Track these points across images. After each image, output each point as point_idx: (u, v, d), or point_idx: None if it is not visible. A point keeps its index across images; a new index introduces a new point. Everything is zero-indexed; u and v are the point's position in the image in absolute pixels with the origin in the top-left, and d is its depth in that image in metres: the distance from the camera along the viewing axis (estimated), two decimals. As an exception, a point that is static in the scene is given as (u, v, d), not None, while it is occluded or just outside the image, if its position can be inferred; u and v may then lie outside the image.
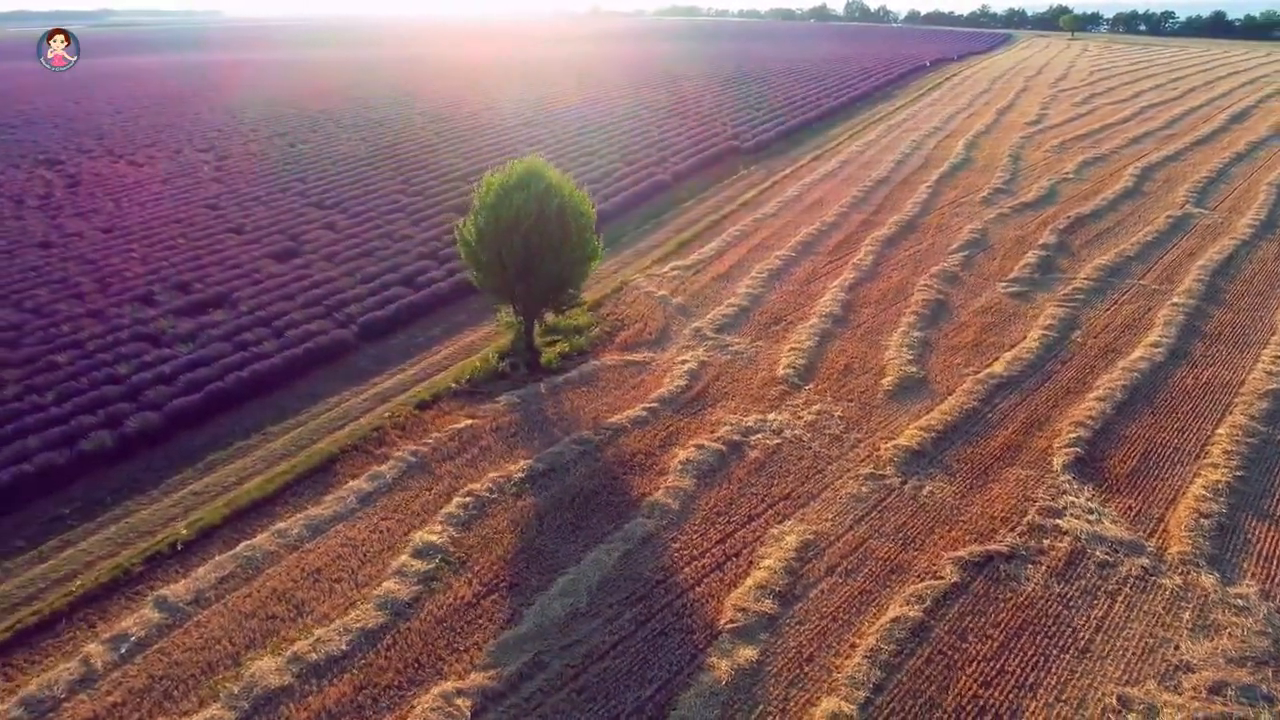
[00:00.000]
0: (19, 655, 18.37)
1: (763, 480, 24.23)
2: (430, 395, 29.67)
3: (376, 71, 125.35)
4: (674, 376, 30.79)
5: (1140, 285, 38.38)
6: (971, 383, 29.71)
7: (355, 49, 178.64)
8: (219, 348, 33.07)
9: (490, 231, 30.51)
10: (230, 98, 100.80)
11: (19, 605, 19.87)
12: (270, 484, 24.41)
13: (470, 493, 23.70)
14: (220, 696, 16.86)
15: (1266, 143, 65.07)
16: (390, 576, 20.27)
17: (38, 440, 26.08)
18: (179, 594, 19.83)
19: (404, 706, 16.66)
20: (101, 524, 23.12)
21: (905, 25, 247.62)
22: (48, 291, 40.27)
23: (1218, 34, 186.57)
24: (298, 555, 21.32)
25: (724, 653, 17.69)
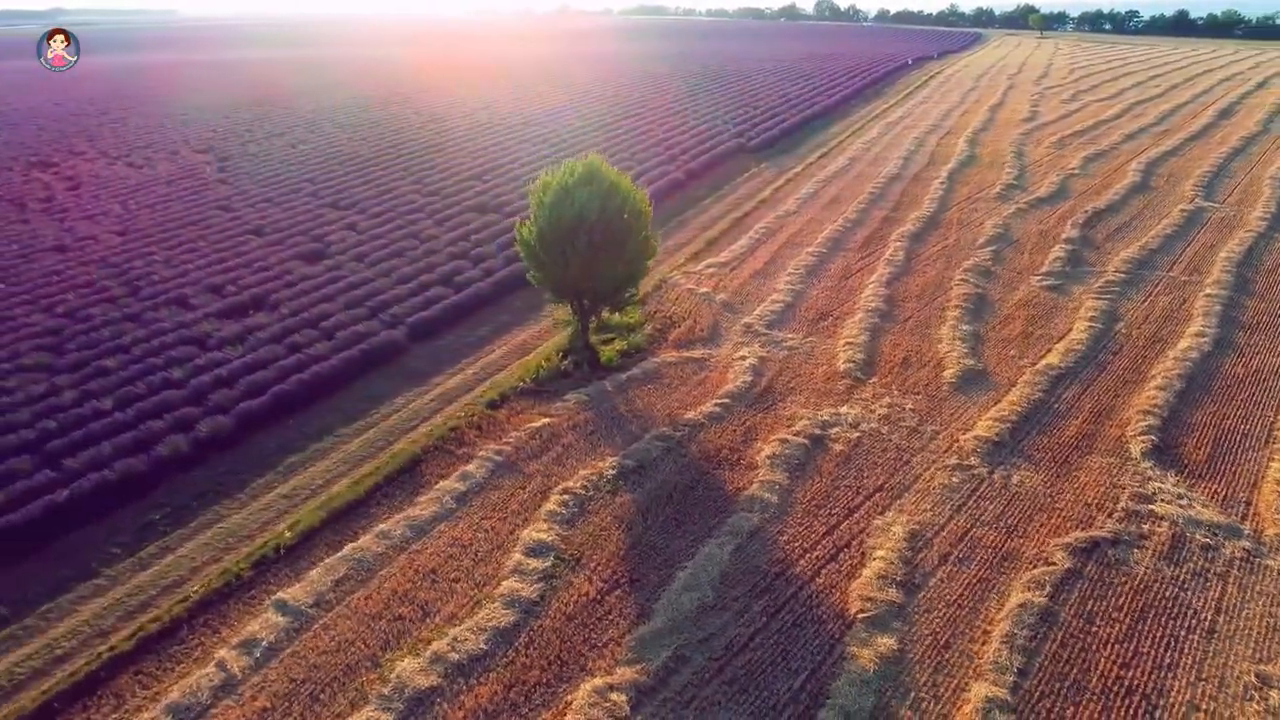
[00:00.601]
0: (149, 662, 18.10)
1: (852, 473, 24.52)
2: (498, 395, 29.57)
3: (364, 72, 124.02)
4: (737, 373, 30.99)
5: (1169, 277, 39.29)
6: (1031, 374, 30.26)
7: (330, 48, 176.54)
8: (271, 350, 32.70)
9: (552, 231, 30.48)
10: (213, 98, 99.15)
11: (135, 612, 19.56)
12: (359, 486, 24.22)
13: (566, 490, 23.72)
14: (371, 698, 16.77)
15: (1258, 137, 66.79)
16: (509, 575, 20.24)
17: (111, 446, 25.64)
18: (298, 597, 19.64)
19: (558, 703, 16.69)
20: (195, 529, 22.80)
21: (876, 24, 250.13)
22: (76, 296, 39.50)
23: (1181, 32, 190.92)
24: (407, 556, 21.20)
25: (862, 641, 17.94)
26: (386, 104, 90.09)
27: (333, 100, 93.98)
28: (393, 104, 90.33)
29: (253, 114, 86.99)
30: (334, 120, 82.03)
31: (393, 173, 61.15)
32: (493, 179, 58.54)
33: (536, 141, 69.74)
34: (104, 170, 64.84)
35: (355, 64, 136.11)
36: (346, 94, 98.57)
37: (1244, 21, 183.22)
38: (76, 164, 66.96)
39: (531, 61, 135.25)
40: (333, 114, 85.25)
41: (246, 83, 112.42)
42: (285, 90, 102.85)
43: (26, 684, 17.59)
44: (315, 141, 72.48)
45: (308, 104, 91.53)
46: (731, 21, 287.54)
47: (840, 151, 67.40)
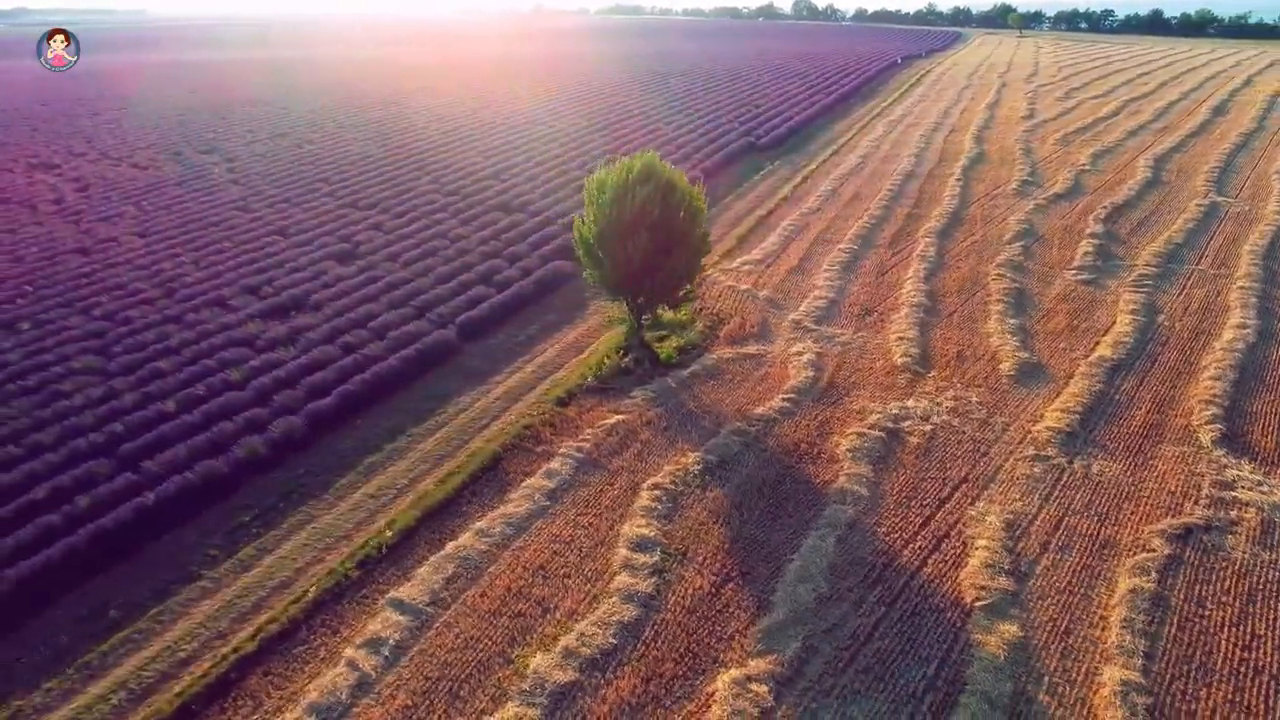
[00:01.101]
0: (275, 663, 18.00)
1: (934, 465, 24.85)
2: (565, 392, 29.61)
3: (356, 72, 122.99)
4: (797, 368, 31.24)
5: (1199, 270, 40.09)
6: (1086, 366, 30.80)
7: (312, 48, 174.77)
8: (325, 350, 32.50)
9: (613, 229, 30.55)
10: (205, 98, 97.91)
11: (249, 614, 19.44)
12: (447, 484, 24.20)
13: (656, 486, 23.84)
14: (512, 694, 16.81)
15: (1256, 133, 68.19)
16: (620, 570, 20.34)
17: (186, 449, 25.38)
18: (414, 596, 19.62)
19: (698, 695, 16.83)
20: (287, 530, 22.67)
21: (854, 23, 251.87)
22: (110, 298, 38.98)
23: (1155, 31, 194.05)
24: (511, 553, 21.23)
25: (985, 629, 18.24)
26: (386, 104, 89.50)
27: (331, 99, 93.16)
28: (392, 104, 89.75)
29: (249, 114, 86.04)
30: (335, 120, 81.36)
31: (407, 172, 60.80)
32: (510, 178, 58.41)
33: (545, 141, 69.65)
34: (109, 172, 63.89)
35: (343, 64, 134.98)
36: (343, 93, 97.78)
37: (1217, 20, 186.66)
38: (80, 165, 65.91)
39: (519, 61, 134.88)
40: (333, 113, 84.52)
41: (235, 83, 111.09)
42: (278, 90, 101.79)
43: (157, 686, 17.43)
44: (321, 141, 71.87)
45: (305, 104, 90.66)
46: (710, 21, 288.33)
47: (850, 149, 67.94)
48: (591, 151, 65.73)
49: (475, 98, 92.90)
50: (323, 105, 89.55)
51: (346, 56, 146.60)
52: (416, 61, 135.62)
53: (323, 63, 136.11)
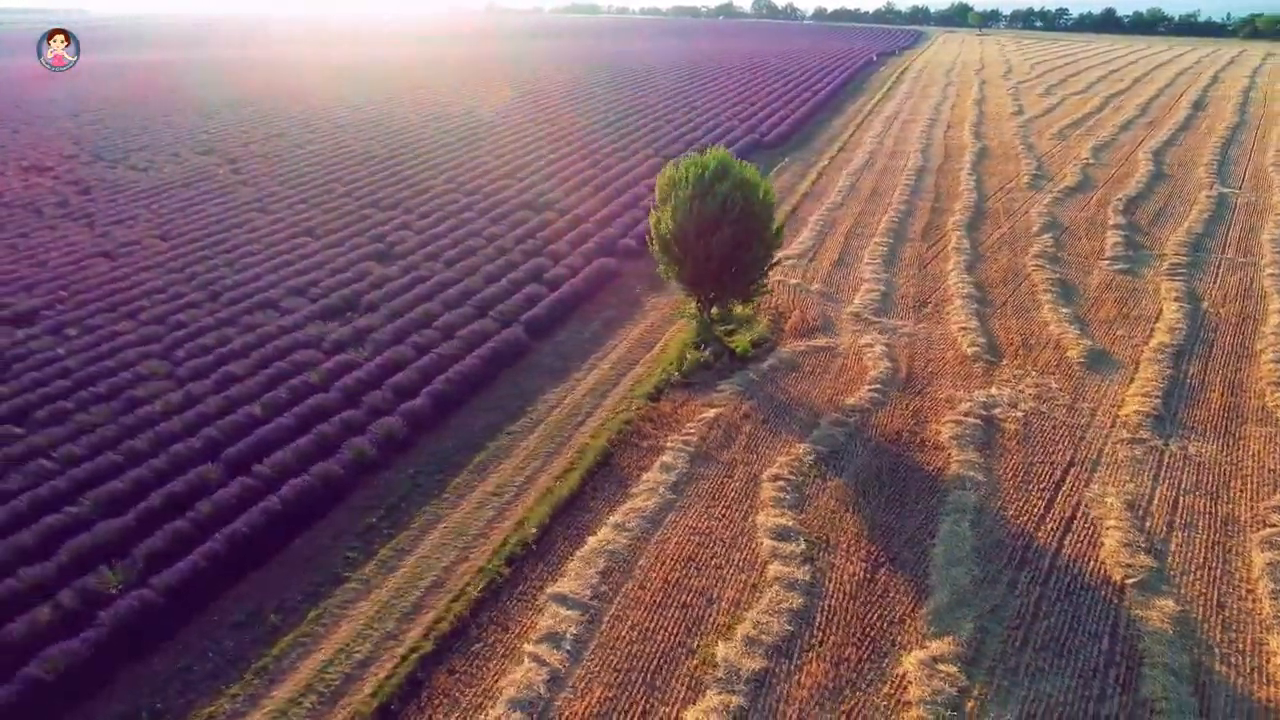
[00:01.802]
0: (457, 661, 17.97)
1: (1038, 449, 25.55)
2: (653, 388, 29.79)
3: (337, 73, 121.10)
4: (872, 360, 31.78)
5: (1226, 259, 41.59)
6: (1149, 352, 31.85)
7: (279, 48, 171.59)
8: (399, 351, 32.24)
9: (695, 225, 30.79)
10: (184, 98, 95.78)
11: (412, 614, 19.35)
12: (566, 481, 24.28)
13: (776, 477, 24.17)
14: (708, 682, 17.03)
15: (1240, 127, 70.69)
16: (770, 560, 20.64)
17: (293, 452, 25.06)
18: (574, 591, 19.70)
19: (889, 677, 17.20)
20: (419, 530, 22.57)
21: (815, 22, 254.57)
22: (152, 302, 38.19)
23: (1108, 29, 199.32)
24: (654, 546, 21.40)
25: (1143, 604, 18.91)
26: (379, 103, 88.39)
27: (320, 100, 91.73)
28: (384, 103, 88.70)
29: (237, 115, 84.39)
30: (330, 119, 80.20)
31: (420, 172, 60.26)
32: (527, 177, 58.26)
33: (552, 140, 69.52)
34: (107, 174, 62.29)
35: (321, 64, 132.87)
36: (330, 94, 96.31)
37: (1167, 19, 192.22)
38: (74, 168, 64.15)
39: (495, 60, 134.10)
40: (326, 113, 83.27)
41: (211, 83, 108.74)
42: (259, 90, 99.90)
43: (345, 688, 17.29)
44: (321, 141, 70.85)
45: (293, 104, 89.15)
46: (671, 20, 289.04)
47: (855, 145, 68.90)
48: (603, 149, 65.84)
49: (464, 97, 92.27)
50: (312, 106, 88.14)
51: (319, 57, 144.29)
52: (391, 62, 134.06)
53: (295, 63, 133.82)
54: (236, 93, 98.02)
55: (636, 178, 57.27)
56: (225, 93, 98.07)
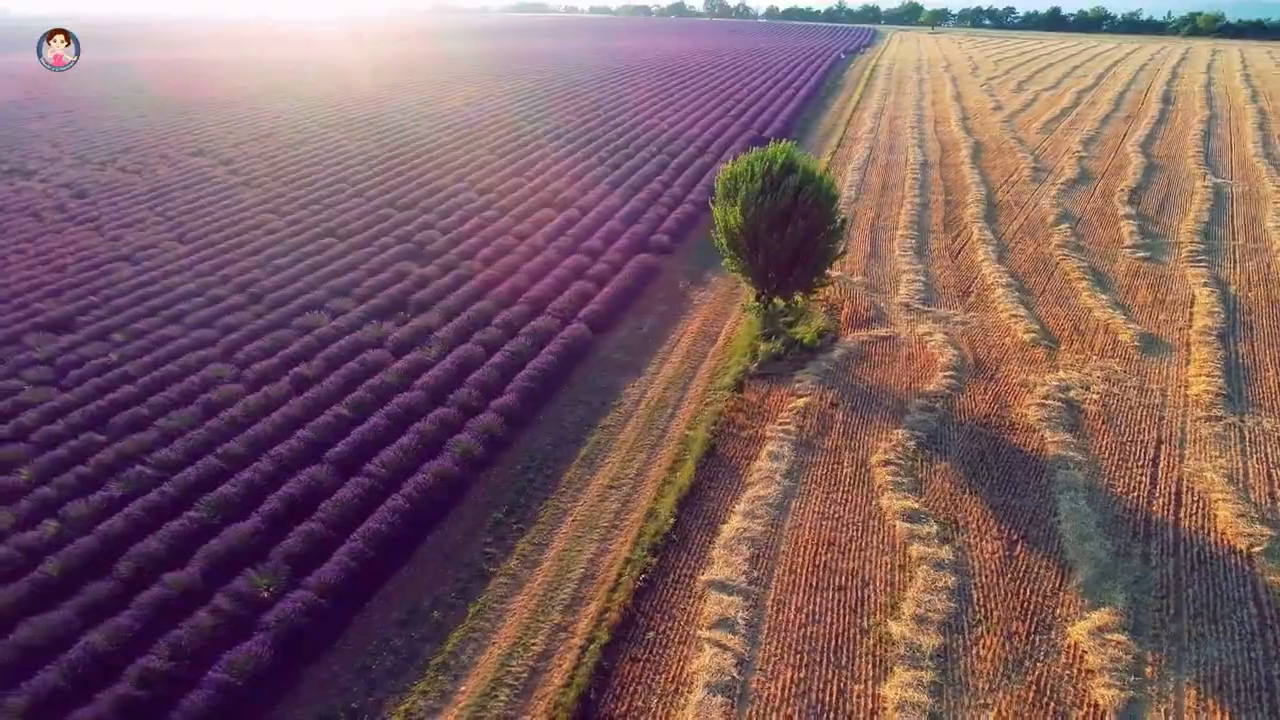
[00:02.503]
0: (636, 650, 18.12)
1: (1125, 429, 26.55)
2: (733, 380, 30.14)
3: (314, 73, 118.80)
4: (936, 347, 32.59)
5: (1238, 245, 43.41)
6: (1195, 335, 33.21)
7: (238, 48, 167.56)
8: (469, 350, 32.10)
9: (766, 219, 31.25)
10: (155, 98, 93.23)
11: (574, 605, 19.46)
12: (679, 472, 24.56)
13: (884, 462, 24.74)
14: (893, 659, 17.46)
15: (1213, 120, 73.59)
16: (910, 541, 21.18)
17: (400, 451, 24.88)
18: (730, 578, 20.00)
19: (1062, 648, 17.82)
20: (548, 524, 22.64)
21: (769, 21, 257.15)
22: (192, 305, 37.42)
23: (1055, 27, 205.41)
24: (790, 532, 21.80)
25: (1276, 570, 19.83)
26: (362, 104, 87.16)
27: (297, 101, 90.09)
28: (367, 104, 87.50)
29: (215, 116, 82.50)
30: (315, 119, 78.85)
31: (426, 171, 59.73)
32: (537, 175, 58.15)
33: (552, 137, 69.40)
34: (98, 176, 60.52)
35: (285, 64, 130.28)
36: (309, 94, 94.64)
37: (1110, 17, 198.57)
38: (60, 170, 62.19)
39: (464, 60, 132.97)
40: (309, 113, 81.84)
41: (176, 83, 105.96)
42: (230, 90, 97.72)
43: (534, 680, 17.34)
44: (315, 142, 69.70)
45: (272, 105, 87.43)
46: (625, 19, 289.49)
47: (852, 141, 70.08)
48: (605, 145, 65.94)
49: (451, 97, 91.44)
50: (293, 108, 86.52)
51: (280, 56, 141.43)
52: (359, 62, 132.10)
53: (258, 63, 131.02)
54: (206, 93, 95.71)
55: (647, 176, 57.54)
56: (194, 93, 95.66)
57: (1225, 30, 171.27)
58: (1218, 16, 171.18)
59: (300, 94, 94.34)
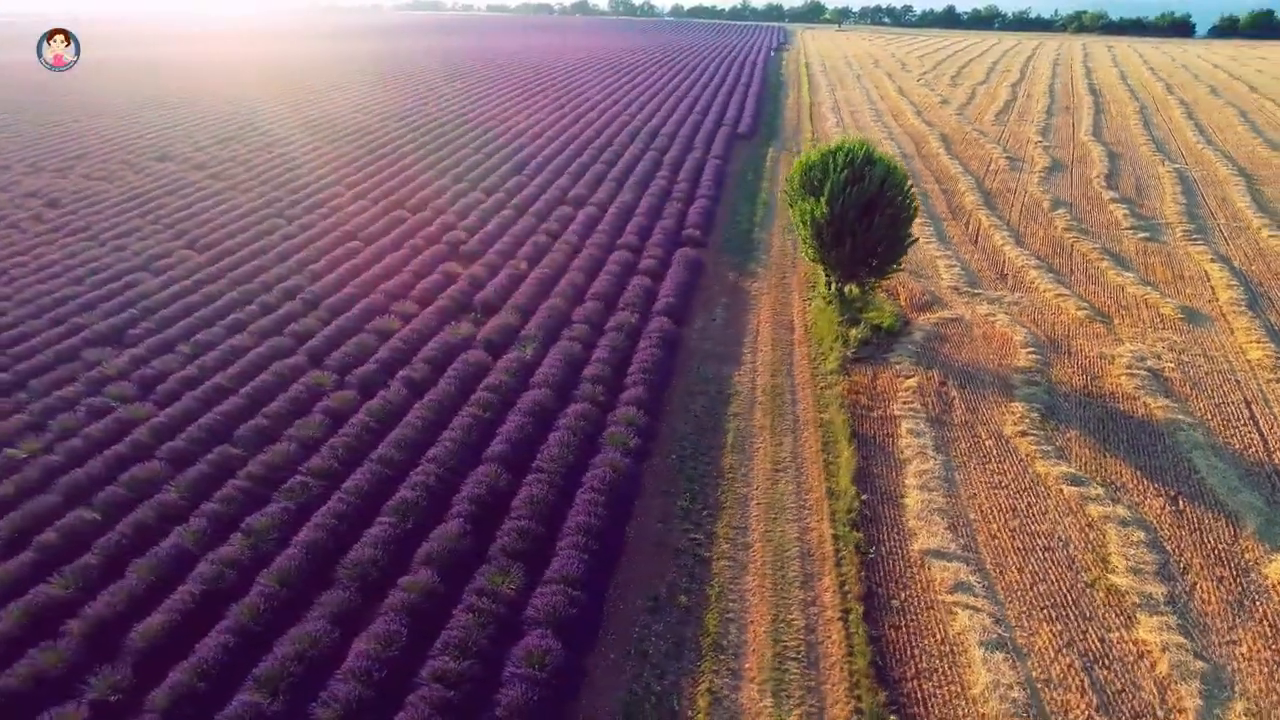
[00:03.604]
0: (893, 618, 18.95)
1: (1213, 392, 28.96)
2: (837, 364, 31.25)
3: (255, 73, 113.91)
4: (1004, 326, 34.52)
5: (1223, 224, 47.23)
6: (1226, 307, 36.21)
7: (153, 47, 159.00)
8: (566, 347, 32.20)
9: (855, 209, 32.52)
10: (88, 101, 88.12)
11: (808, 582, 20.12)
12: (838, 452, 25.47)
13: (1021, 433, 26.35)
14: (1129, 608, 18.87)
15: (1145, 109, 79.12)
16: (1084, 504, 22.73)
17: (559, 448, 25.01)
18: (941, 547, 21.07)
19: (1265, 589, 19.62)
20: (736, 508, 23.14)
21: (674, 19, 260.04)
22: (248, 315, 36.11)
23: (950, 24, 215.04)
24: (969, 503, 23.05)
25: None
26: (307, 104, 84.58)
27: (247, 103, 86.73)
28: (317, 103, 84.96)
29: (163, 118, 78.77)
30: (275, 120, 76.21)
31: (421, 172, 58.83)
32: (539, 174, 58.05)
33: (534, 136, 69.22)
34: (62, 184, 57.19)
35: (214, 64, 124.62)
36: (251, 94, 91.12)
37: (1002, 15, 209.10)
38: (16, 179, 58.41)
39: (396, 60, 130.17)
40: (267, 114, 79.03)
41: (104, 85, 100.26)
42: (169, 91, 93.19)
43: (814, 652, 17.90)
44: (285, 145, 67.45)
45: (223, 106, 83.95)
46: (528, 17, 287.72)
47: (823, 136, 72.20)
48: (589, 143, 66.12)
49: (405, 97, 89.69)
50: (243, 106, 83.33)
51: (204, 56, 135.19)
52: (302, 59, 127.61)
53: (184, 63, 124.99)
54: (149, 94, 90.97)
55: (647, 172, 58.21)
56: (135, 95, 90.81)
57: (1109, 27, 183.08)
58: (1101, 14, 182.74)
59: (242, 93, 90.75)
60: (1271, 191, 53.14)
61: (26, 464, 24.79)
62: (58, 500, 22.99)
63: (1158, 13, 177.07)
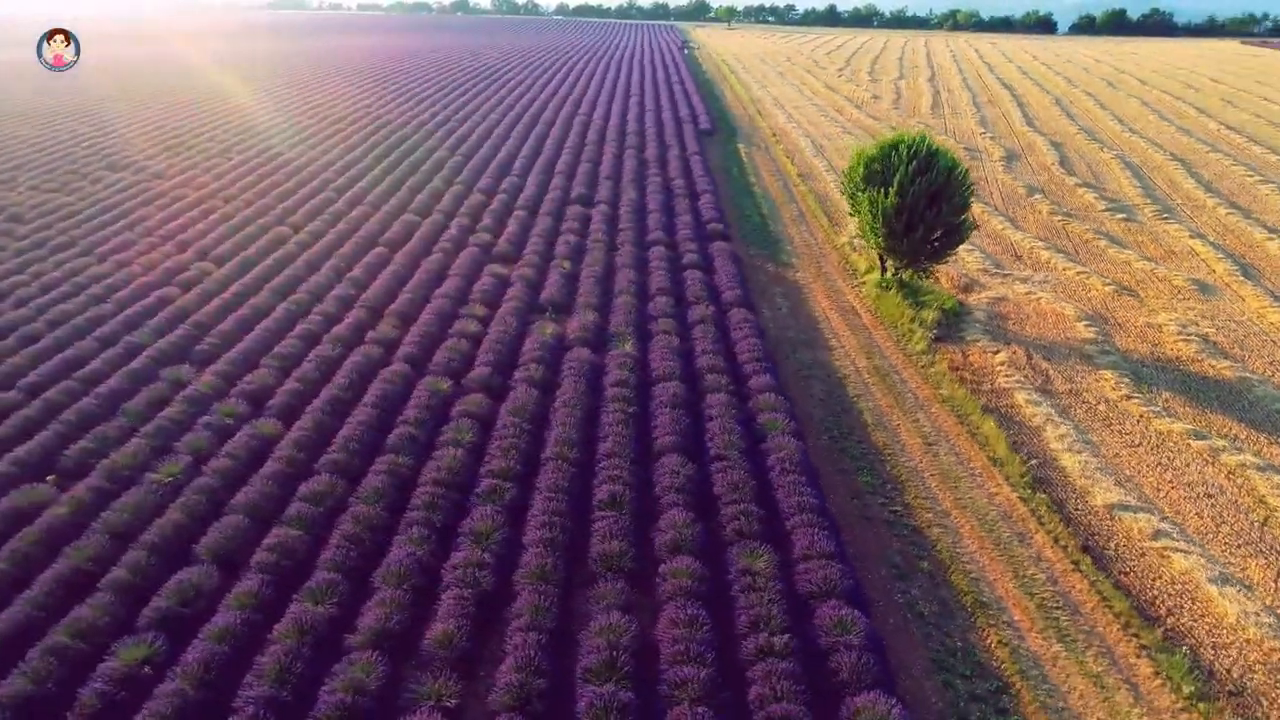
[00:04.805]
0: (1117, 565, 20.85)
1: (1260, 352, 32.47)
2: (925, 345, 33.16)
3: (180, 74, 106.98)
4: (1049, 302, 37.34)
5: (1182, 202, 52.22)
6: (1225, 276, 40.45)
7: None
8: (665, 340, 32.85)
9: (924, 196, 34.59)
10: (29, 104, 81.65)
11: (1023, 540, 21.80)
12: (980, 425, 27.21)
13: (1125, 398, 28.91)
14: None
15: (1060, 101, 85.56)
16: (1217, 455, 25.31)
17: (724, 436, 25.83)
18: (1123, 500, 23.09)
19: (1403, 513, 22.58)
20: (914, 482, 24.51)
21: (562, 18, 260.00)
22: (316, 326, 35.04)
23: (832, 23, 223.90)
24: (1117, 460, 25.28)
25: None
26: (262, 104, 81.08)
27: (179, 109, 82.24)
28: (268, 104, 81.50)
29: (89, 125, 73.90)
30: (222, 124, 72.81)
31: (424, 178, 57.77)
32: (532, 174, 57.99)
33: (505, 138, 68.84)
34: (15, 196, 53.30)
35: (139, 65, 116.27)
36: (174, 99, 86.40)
37: (880, 14, 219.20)
38: (-40, 194, 53.96)
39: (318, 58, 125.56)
40: (213, 117, 75.32)
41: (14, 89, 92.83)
42: (82, 96, 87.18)
43: (1068, 601, 19.60)
44: (242, 153, 64.72)
45: (148, 112, 79.35)
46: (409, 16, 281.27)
47: (781, 131, 74.80)
48: (557, 141, 66.35)
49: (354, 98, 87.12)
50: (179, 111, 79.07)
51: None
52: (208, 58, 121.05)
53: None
54: (65, 100, 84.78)
55: (639, 172, 58.99)
56: (47, 100, 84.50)
57: (980, 25, 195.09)
58: (973, 13, 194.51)
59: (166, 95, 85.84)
60: (1207, 174, 58.83)
61: (183, 490, 23.63)
62: (246, 521, 22.15)
63: (1023, 11, 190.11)
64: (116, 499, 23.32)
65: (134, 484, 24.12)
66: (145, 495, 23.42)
